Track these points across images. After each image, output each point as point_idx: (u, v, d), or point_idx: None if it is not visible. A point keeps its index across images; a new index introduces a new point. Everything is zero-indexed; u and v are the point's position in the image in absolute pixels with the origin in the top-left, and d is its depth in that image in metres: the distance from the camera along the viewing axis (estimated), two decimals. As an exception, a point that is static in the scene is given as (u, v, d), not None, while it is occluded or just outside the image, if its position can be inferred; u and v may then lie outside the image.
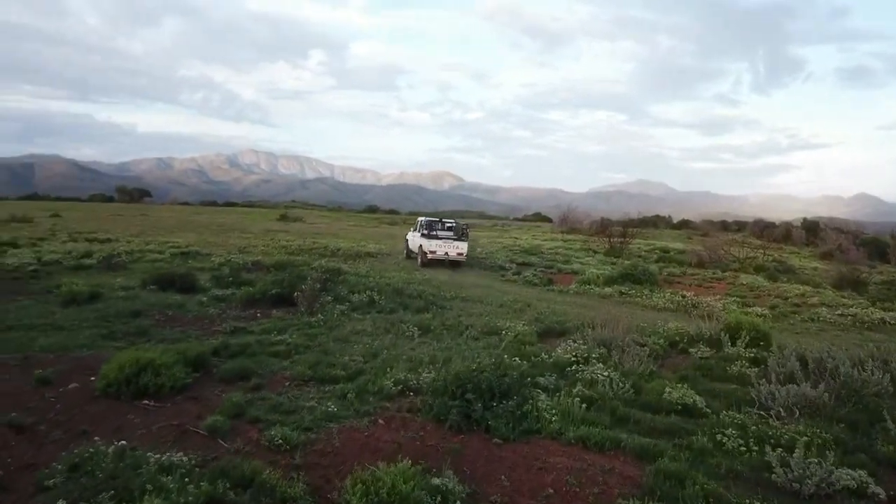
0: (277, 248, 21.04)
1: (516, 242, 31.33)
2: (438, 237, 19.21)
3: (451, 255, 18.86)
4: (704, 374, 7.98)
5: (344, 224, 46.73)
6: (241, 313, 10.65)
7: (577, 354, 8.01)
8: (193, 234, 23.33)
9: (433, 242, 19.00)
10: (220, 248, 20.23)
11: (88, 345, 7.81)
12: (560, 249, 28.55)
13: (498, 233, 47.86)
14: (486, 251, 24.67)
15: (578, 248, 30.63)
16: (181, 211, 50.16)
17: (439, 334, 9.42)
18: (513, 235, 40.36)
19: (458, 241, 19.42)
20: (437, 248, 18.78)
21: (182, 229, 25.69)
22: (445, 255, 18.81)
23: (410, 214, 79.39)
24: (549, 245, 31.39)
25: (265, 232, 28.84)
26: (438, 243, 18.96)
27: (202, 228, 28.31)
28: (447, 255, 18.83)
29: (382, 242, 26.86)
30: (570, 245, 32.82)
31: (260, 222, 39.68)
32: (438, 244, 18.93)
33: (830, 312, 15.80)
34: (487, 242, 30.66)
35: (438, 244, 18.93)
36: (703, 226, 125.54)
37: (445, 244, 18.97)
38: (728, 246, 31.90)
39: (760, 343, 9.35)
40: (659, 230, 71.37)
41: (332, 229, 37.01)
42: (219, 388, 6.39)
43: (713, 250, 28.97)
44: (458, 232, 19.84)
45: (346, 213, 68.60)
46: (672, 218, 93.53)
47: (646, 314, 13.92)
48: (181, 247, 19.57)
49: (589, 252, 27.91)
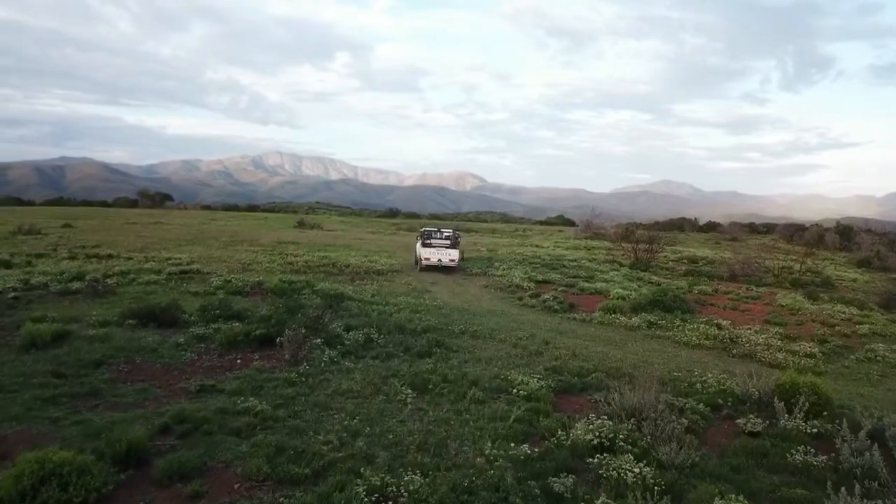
0: (283, 265, 19.92)
1: (537, 252, 29.82)
2: (433, 245, 21.17)
3: (443, 261, 20.99)
4: (759, 464, 6.47)
5: (361, 231, 45.73)
6: (219, 360, 9.46)
7: (602, 434, 6.59)
8: (200, 248, 22.39)
9: (428, 250, 21.12)
10: (223, 265, 19.22)
11: (21, 415, 6.64)
12: (583, 261, 26.99)
13: (519, 240, 46.34)
14: (503, 266, 23.11)
15: (603, 258, 29.11)
16: (196, 216, 49.72)
17: (438, 395, 8.06)
18: (534, 243, 38.80)
19: (451, 248, 21.31)
20: (432, 256, 20.96)
21: (191, 241, 24.74)
22: (439, 261, 20.94)
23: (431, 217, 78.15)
24: (572, 255, 29.87)
25: (276, 244, 27.84)
26: (433, 251, 21.06)
27: (211, 240, 27.49)
28: (440, 262, 20.95)
29: (396, 255, 25.62)
30: (593, 255, 31.24)
31: (275, 229, 38.88)
32: (433, 252, 21.03)
33: (887, 347, 14.08)
34: (507, 253, 29.23)
35: (433, 252, 21.03)
36: (730, 229, 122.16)
37: (439, 252, 21.03)
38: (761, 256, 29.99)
39: (822, 412, 7.78)
40: (686, 234, 68.99)
41: (348, 238, 35.98)
42: (149, 495, 5.12)
43: (747, 264, 27.09)
44: (452, 241, 21.57)
45: (365, 218, 67.90)
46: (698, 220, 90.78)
47: (679, 354, 12.36)
48: (182, 264, 18.57)
49: (614, 264, 26.31)
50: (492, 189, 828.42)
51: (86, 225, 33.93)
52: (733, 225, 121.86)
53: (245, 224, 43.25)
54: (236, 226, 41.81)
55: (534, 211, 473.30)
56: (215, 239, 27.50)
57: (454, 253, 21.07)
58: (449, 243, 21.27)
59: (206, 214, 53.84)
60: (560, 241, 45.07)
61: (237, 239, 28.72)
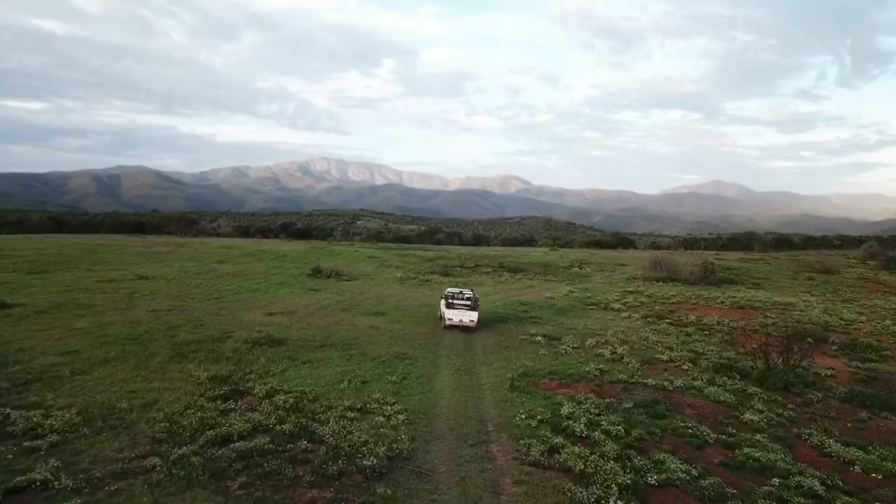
0: (240, 421, 12.28)
1: (603, 342, 20.36)
2: (455, 307, 21.93)
3: (464, 321, 21.73)
4: None
5: (390, 275, 38.75)
6: None
7: None
8: (125, 370, 14.81)
9: (451, 311, 21.87)
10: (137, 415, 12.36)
11: None
12: (672, 357, 18.47)
13: (567, 283, 38.29)
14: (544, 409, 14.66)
15: (708, 350, 20.02)
16: (206, 254, 43.92)
17: None
18: (591, 299, 30.88)
19: (471, 310, 21.93)
20: (454, 316, 21.74)
21: (138, 338, 17.49)
22: (460, 321, 21.69)
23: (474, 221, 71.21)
24: (654, 335, 22.13)
25: (266, 320, 21.20)
26: (455, 312, 21.81)
27: (182, 314, 21.06)
28: (461, 322, 21.71)
29: (423, 345, 18.68)
30: (680, 331, 23.27)
31: (284, 284, 32.59)
32: (455, 313, 21.79)
33: None
34: (551, 335, 21.58)
35: (455, 313, 21.79)
36: (803, 242, 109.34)
37: (460, 313, 21.79)
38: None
39: None
40: (764, 261, 58.90)
41: (370, 295, 29.20)
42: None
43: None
44: (472, 303, 22.27)
45: (399, 252, 61.43)
46: (767, 234, 79.85)
47: None
48: (70, 422, 11.54)
49: (731, 372, 17.12)
50: (536, 192, 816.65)
51: (53, 280, 28.16)
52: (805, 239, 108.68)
53: (253, 271, 36.98)
54: (241, 272, 35.62)
55: (578, 213, 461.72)
56: (200, 301, 21.13)
57: (474, 315, 21.85)
58: (469, 304, 22.13)
59: (217, 251, 47.99)
60: (627, 288, 36.86)
61: (225, 303, 22.29)
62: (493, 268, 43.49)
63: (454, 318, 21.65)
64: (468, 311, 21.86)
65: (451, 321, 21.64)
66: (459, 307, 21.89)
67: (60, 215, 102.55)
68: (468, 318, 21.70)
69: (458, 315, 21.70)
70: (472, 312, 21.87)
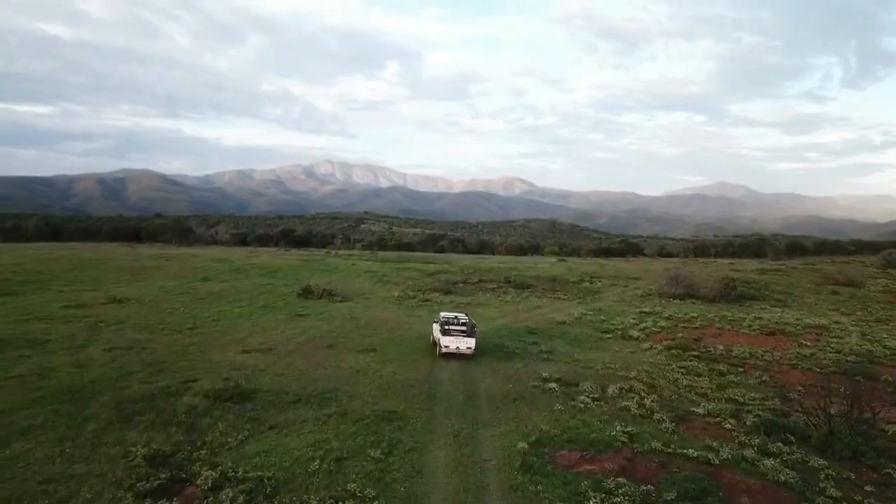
0: None
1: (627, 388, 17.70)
2: (451, 334, 21.16)
3: (461, 349, 21.04)
4: None
5: (387, 294, 36.04)
6: None
7: None
8: (61, 431, 12.30)
9: (447, 338, 21.06)
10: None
11: None
12: (709, 410, 15.67)
13: (578, 301, 35.50)
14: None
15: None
16: (193, 269, 41.34)
17: None
18: (606, 324, 28.17)
19: (468, 337, 21.23)
20: (451, 343, 21.00)
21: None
22: (457, 349, 21.00)
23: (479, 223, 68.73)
24: (675, 378, 19.41)
25: (239, 360, 18.62)
26: (452, 339, 21.06)
27: (142, 354, 18.49)
28: (458, 349, 21.01)
29: (417, 395, 15.94)
30: (711, 369, 20.54)
31: (271, 307, 30.19)
32: (451, 340, 21.05)
33: None
34: (566, 379, 18.85)
35: (451, 340, 21.05)
36: (816, 248, 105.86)
37: (457, 340, 21.06)
38: None
39: None
40: (780, 272, 55.77)
41: (362, 322, 26.68)
42: None
43: None
44: (469, 329, 21.49)
45: (397, 265, 59.04)
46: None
47: None
48: None
49: (786, 436, 13.75)
50: (540, 194, 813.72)
51: (4, 312, 25.64)
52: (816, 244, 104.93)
53: (239, 290, 34.33)
54: (226, 293, 32.98)
55: (582, 215, 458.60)
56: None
57: (471, 341, 21.24)
58: (466, 331, 21.44)
59: (206, 265, 45.36)
60: (643, 307, 34.05)
61: (184, 356, 19.73)
62: (499, 283, 40.64)
63: (451, 345, 21.03)
64: (465, 337, 21.22)
65: (447, 349, 21.01)
66: (456, 333, 21.22)
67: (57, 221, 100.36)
68: (465, 344, 21.12)
69: (455, 342, 21.08)
70: (469, 339, 21.22)
